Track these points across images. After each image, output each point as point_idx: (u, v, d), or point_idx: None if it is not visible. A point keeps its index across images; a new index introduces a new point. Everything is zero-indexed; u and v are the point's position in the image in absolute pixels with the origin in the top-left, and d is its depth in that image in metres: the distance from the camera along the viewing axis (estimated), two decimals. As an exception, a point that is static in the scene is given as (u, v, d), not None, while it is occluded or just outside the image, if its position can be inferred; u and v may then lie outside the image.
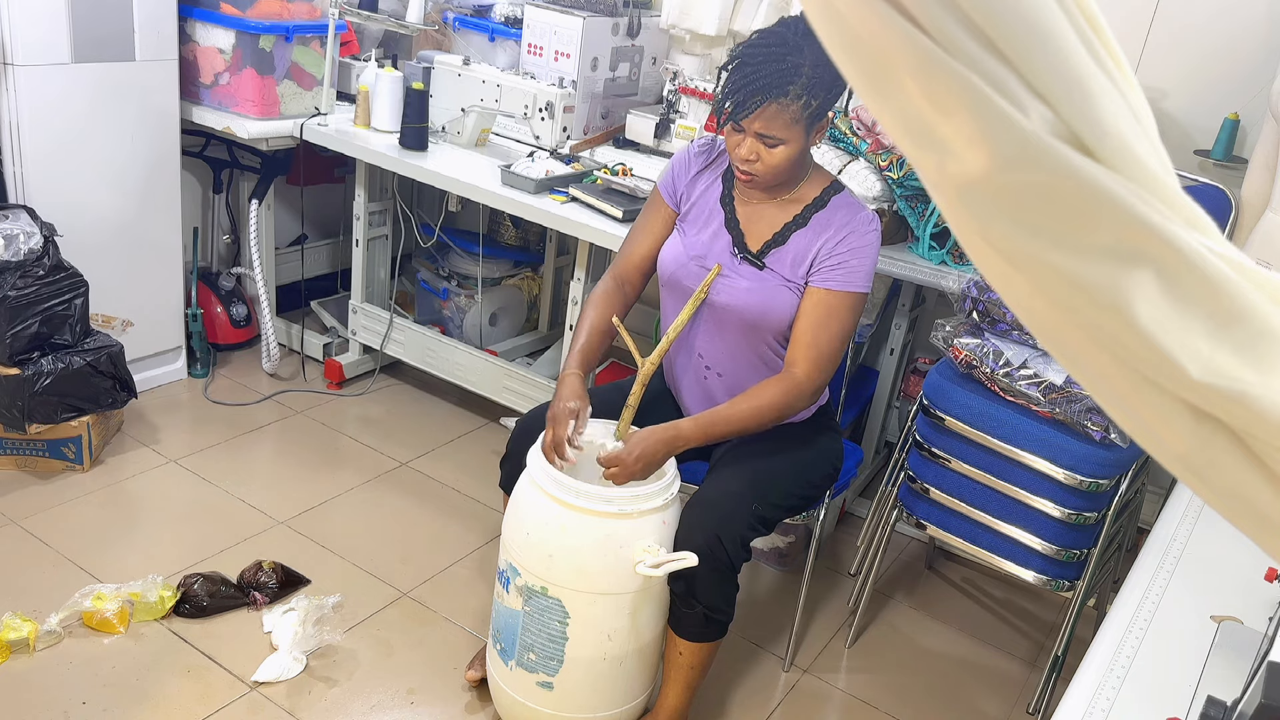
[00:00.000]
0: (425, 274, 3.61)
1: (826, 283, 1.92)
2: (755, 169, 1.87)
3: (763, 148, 1.84)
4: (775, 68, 1.76)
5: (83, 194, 2.86)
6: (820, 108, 1.81)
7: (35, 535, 2.50)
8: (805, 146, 1.86)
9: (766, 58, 1.77)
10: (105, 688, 2.09)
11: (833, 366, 1.96)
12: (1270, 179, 2.34)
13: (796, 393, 1.92)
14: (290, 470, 2.95)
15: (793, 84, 1.76)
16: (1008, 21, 0.51)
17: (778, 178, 1.91)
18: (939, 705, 2.40)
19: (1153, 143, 0.56)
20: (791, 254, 1.95)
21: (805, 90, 1.77)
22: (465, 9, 3.51)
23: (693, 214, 2.05)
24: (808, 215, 1.96)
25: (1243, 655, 1.28)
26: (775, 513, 2.02)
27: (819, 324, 1.92)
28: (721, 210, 2.02)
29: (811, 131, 1.85)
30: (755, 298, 1.96)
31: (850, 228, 1.92)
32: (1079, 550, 2.18)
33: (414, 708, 2.16)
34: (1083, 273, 0.55)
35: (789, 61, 1.76)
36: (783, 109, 1.78)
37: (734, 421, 1.92)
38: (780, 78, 1.76)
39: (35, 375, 2.60)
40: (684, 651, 1.98)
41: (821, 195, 1.97)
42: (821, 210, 1.96)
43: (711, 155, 2.07)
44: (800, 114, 1.79)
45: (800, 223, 1.96)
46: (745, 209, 2.00)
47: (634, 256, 2.11)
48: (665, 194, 2.08)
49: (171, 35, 2.93)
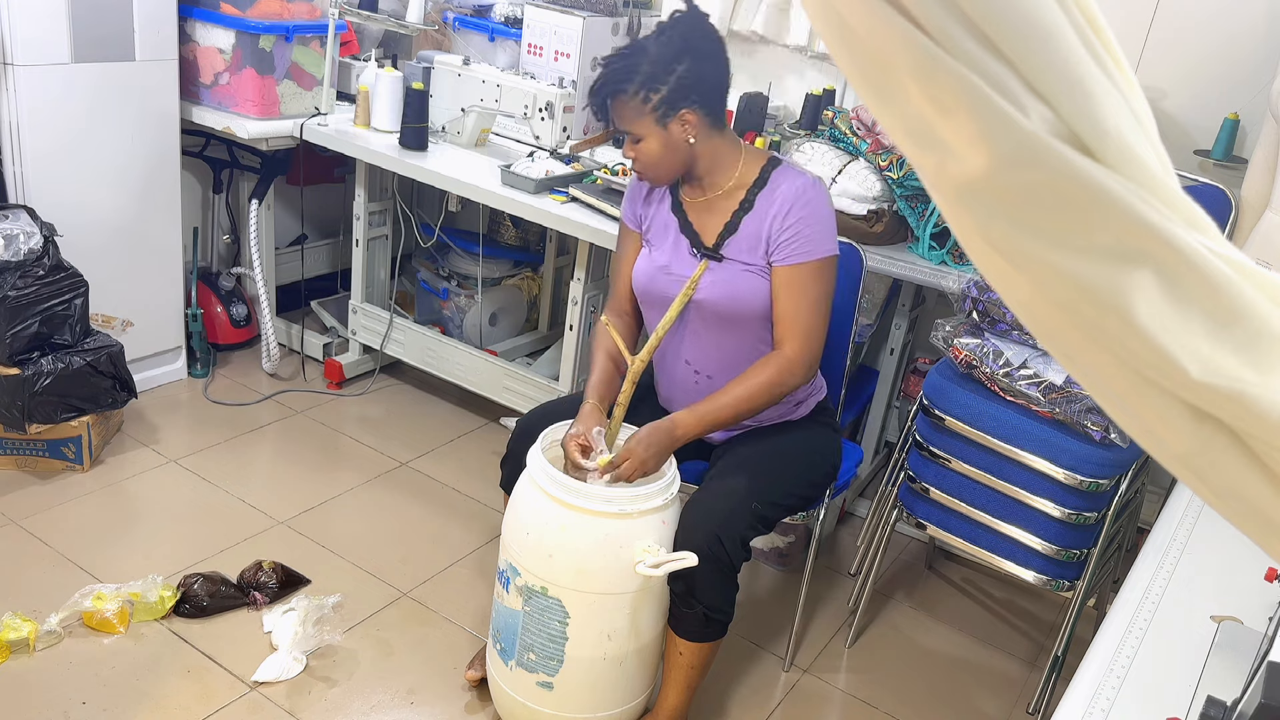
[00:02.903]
0: (425, 274, 3.61)
1: (788, 259, 1.94)
2: (637, 166, 1.98)
3: (633, 145, 1.94)
4: (615, 68, 1.89)
5: (83, 194, 2.86)
6: (666, 100, 1.87)
7: (35, 535, 2.50)
8: (670, 140, 1.91)
9: (612, 59, 1.91)
10: (105, 688, 2.09)
11: (820, 336, 1.98)
12: (1270, 179, 2.33)
13: (788, 369, 1.95)
14: (290, 470, 2.95)
15: (627, 81, 1.87)
16: (1008, 21, 0.51)
17: (659, 171, 1.97)
18: (939, 705, 2.40)
19: (1153, 143, 0.56)
20: (746, 239, 1.98)
21: (643, 85, 1.86)
22: (465, 9, 3.51)
23: (653, 230, 2.10)
24: (752, 198, 1.99)
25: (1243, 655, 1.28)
26: (775, 512, 2.02)
27: (794, 299, 1.95)
28: (674, 218, 2.07)
29: (668, 123, 1.89)
30: (721, 289, 1.98)
31: (794, 198, 1.94)
32: (1079, 550, 2.18)
33: (414, 708, 2.16)
34: (1083, 273, 0.55)
35: (630, 60, 1.88)
36: (624, 105, 1.89)
37: (728, 406, 1.95)
38: (617, 77, 1.88)
39: (35, 375, 2.60)
40: (684, 651, 1.98)
41: (761, 175, 2.00)
42: (764, 189, 1.98)
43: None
44: (642, 108, 1.88)
45: (747, 206, 1.99)
46: (694, 210, 2.05)
47: (622, 289, 2.16)
48: (630, 222, 2.15)
49: (171, 35, 2.93)
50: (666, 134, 1.91)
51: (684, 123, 1.90)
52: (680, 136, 1.92)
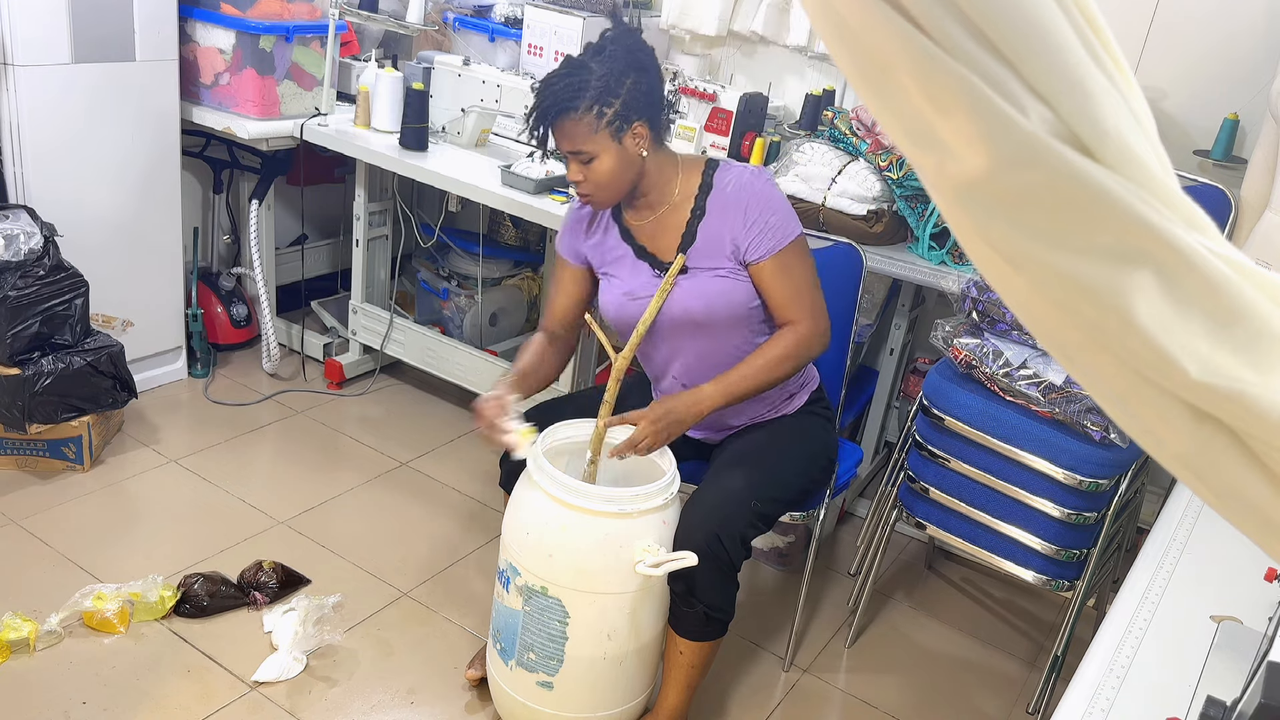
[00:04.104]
0: (425, 274, 3.61)
1: (766, 253, 1.94)
2: (585, 188, 1.93)
3: (583, 166, 1.90)
4: (560, 87, 1.84)
5: (83, 194, 2.86)
6: (620, 114, 1.85)
7: (35, 535, 2.50)
8: (624, 154, 1.89)
9: (553, 81, 1.86)
10: (105, 688, 2.09)
11: (823, 305, 1.99)
12: (1270, 179, 2.34)
13: (805, 340, 1.96)
14: (290, 470, 2.95)
15: (579, 98, 1.83)
16: (1007, 21, 0.51)
17: (612, 191, 1.93)
18: (939, 705, 2.40)
19: (1152, 143, 0.56)
20: (707, 244, 1.97)
21: (594, 101, 1.83)
22: (465, 9, 3.51)
23: (608, 263, 2.08)
24: (701, 204, 1.98)
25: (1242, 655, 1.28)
26: (774, 508, 2.02)
27: (787, 283, 1.95)
28: (626, 245, 2.05)
29: (622, 138, 1.87)
30: (697, 300, 1.97)
31: (746, 194, 1.94)
32: (1079, 550, 2.18)
33: (414, 708, 2.16)
34: (1083, 273, 0.55)
35: (574, 79, 1.84)
36: (576, 123, 1.85)
37: (749, 377, 1.95)
38: (566, 94, 1.83)
39: (35, 375, 2.60)
40: (685, 651, 1.98)
41: (704, 181, 1.99)
42: (710, 193, 1.98)
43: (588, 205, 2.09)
44: (596, 123, 1.84)
45: (699, 214, 1.98)
46: (645, 233, 2.03)
47: (555, 315, 2.15)
48: (567, 255, 2.13)
49: (171, 35, 2.93)
50: (621, 149, 1.89)
51: (636, 136, 1.89)
52: (634, 151, 1.91)
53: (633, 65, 1.86)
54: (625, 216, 2.06)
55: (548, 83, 1.87)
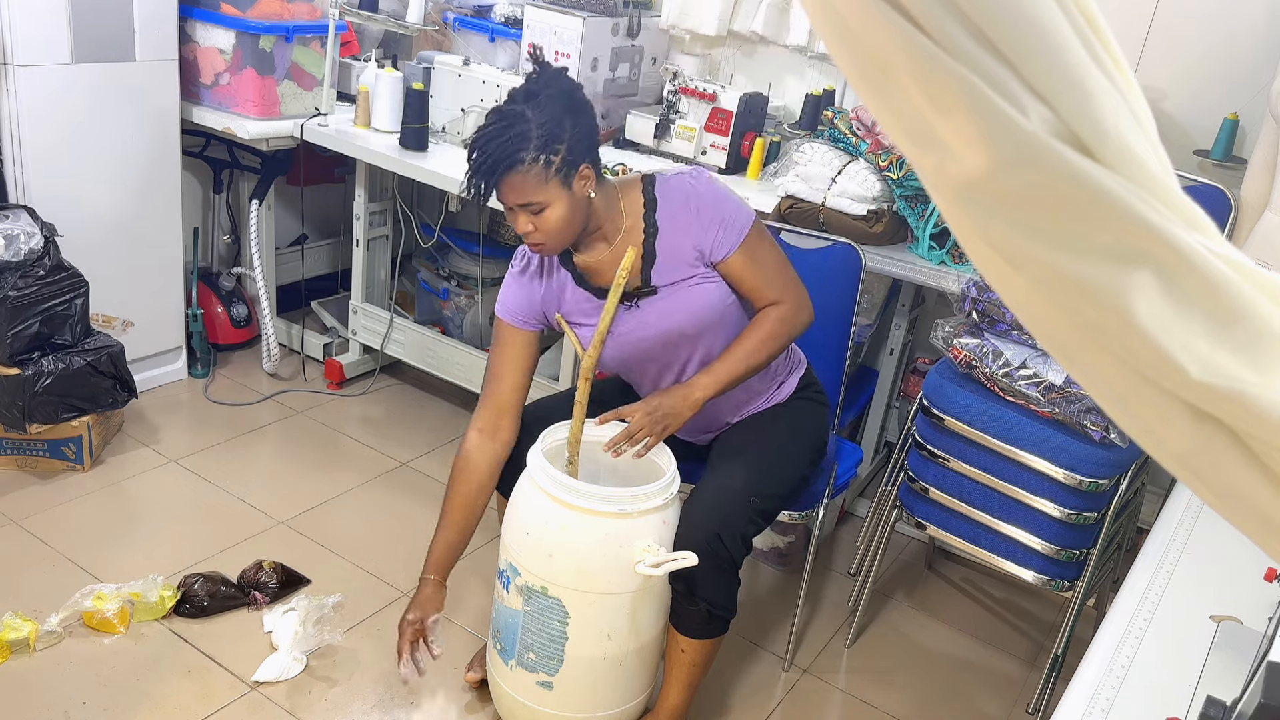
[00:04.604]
0: (425, 274, 3.61)
1: (731, 248, 1.92)
2: (537, 238, 1.86)
3: (532, 217, 1.83)
4: (500, 141, 1.77)
5: (83, 194, 2.86)
6: (566, 160, 1.80)
7: (35, 535, 2.50)
8: (574, 198, 1.84)
9: (491, 135, 1.78)
10: (105, 688, 2.09)
11: (798, 279, 1.98)
12: (1270, 179, 2.33)
13: (789, 314, 1.95)
14: (290, 470, 2.95)
15: (522, 150, 1.76)
16: (1007, 21, 0.51)
17: (565, 236, 1.87)
18: (939, 705, 2.40)
19: (1152, 143, 0.56)
20: (667, 259, 1.93)
21: (540, 150, 1.77)
22: (465, 9, 3.51)
23: (571, 312, 2.00)
24: (652, 220, 1.94)
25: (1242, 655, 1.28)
26: (774, 503, 2.02)
27: (759, 269, 1.94)
28: (583, 290, 1.99)
29: (572, 182, 1.82)
30: (678, 316, 1.95)
31: (693, 199, 1.92)
32: (1079, 550, 2.18)
33: (414, 708, 2.16)
34: (1083, 273, 0.55)
35: (514, 130, 1.77)
36: (523, 176, 1.78)
37: (741, 359, 1.94)
38: (507, 148, 1.77)
39: (35, 375, 2.60)
40: (686, 649, 1.98)
41: (646, 199, 1.95)
42: (658, 207, 1.94)
43: (532, 261, 2.02)
44: (545, 173, 1.79)
45: (652, 232, 1.94)
46: (600, 270, 1.97)
47: (503, 393, 2.03)
48: (516, 321, 2.02)
49: (171, 35, 2.93)
50: (571, 195, 1.83)
51: (583, 179, 1.84)
52: (582, 194, 1.86)
53: (569, 108, 1.81)
54: (576, 260, 1.98)
55: (486, 137, 1.79)
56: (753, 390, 2.09)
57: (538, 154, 1.77)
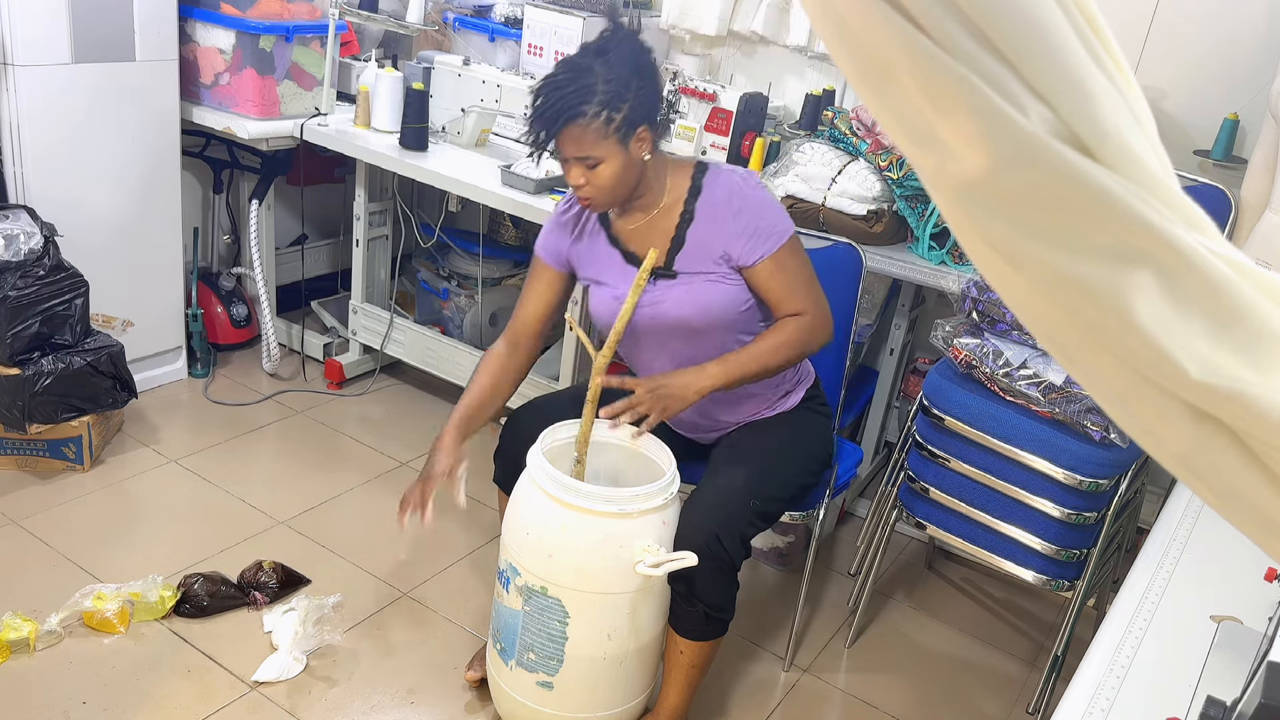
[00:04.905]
0: (425, 274, 3.61)
1: (761, 255, 1.93)
2: (587, 192, 1.90)
3: (586, 171, 1.87)
4: (565, 92, 1.81)
5: (83, 194, 2.86)
6: (627, 119, 1.83)
7: (35, 535, 2.50)
8: (629, 159, 1.88)
9: (558, 84, 1.82)
10: (105, 688, 2.09)
11: (823, 296, 1.99)
12: (1270, 179, 2.34)
13: (810, 326, 1.95)
14: (290, 470, 2.95)
15: (586, 103, 1.80)
16: (1007, 21, 0.51)
17: (614, 195, 1.92)
18: (939, 705, 2.40)
19: (1152, 143, 0.56)
20: (695, 249, 1.96)
21: (603, 105, 1.81)
22: (465, 9, 3.51)
23: (595, 268, 2.06)
24: (691, 209, 1.97)
25: (1242, 655, 1.28)
26: (774, 506, 2.02)
27: (784, 280, 1.95)
28: (614, 250, 2.03)
29: (629, 142, 1.86)
30: (688, 305, 1.97)
31: (736, 200, 1.94)
32: (1079, 550, 2.18)
33: (414, 708, 2.16)
34: (1083, 273, 0.55)
35: (579, 83, 1.81)
36: (584, 129, 1.82)
37: (756, 359, 1.94)
38: (572, 100, 1.80)
39: (35, 375, 2.60)
40: (685, 650, 1.98)
41: (693, 184, 1.98)
42: (700, 196, 1.97)
43: (575, 208, 2.08)
44: (605, 129, 1.82)
45: (688, 218, 1.97)
46: (635, 237, 2.02)
47: (525, 319, 2.12)
48: (549, 259, 2.10)
49: (171, 35, 2.93)
50: (627, 154, 1.87)
51: (640, 140, 1.88)
52: (638, 155, 1.90)
53: (637, 69, 1.85)
54: (613, 221, 2.04)
55: (552, 86, 1.83)
56: (758, 393, 2.09)
57: (600, 109, 1.81)
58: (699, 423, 2.12)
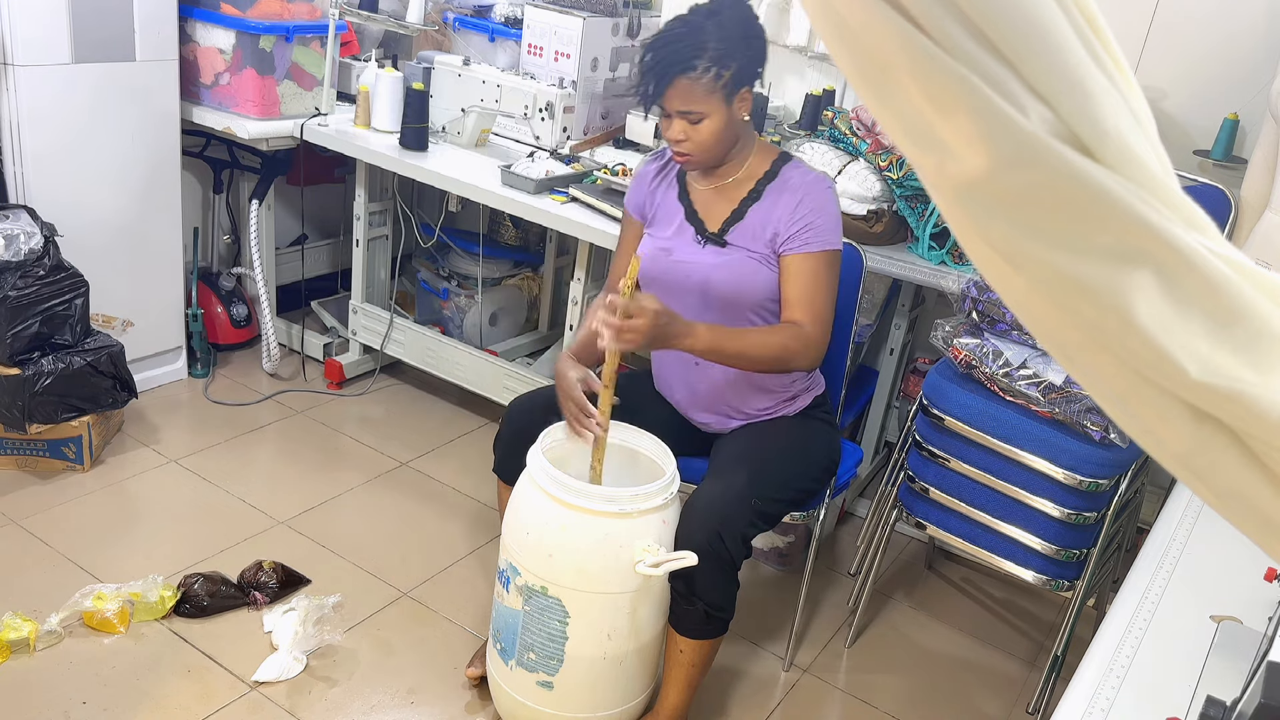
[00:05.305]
0: (425, 274, 3.61)
1: (801, 247, 1.96)
2: (686, 148, 1.94)
3: (688, 125, 1.91)
4: (678, 46, 1.86)
5: (83, 194, 2.86)
6: (734, 77, 1.88)
7: (35, 535, 2.50)
8: (731, 117, 1.92)
9: (670, 39, 1.87)
10: (105, 688, 2.09)
11: (829, 323, 1.99)
12: (1270, 179, 2.34)
13: (803, 339, 1.95)
14: (290, 470, 2.95)
15: (698, 58, 1.84)
16: (1007, 21, 0.51)
17: (712, 153, 1.96)
18: (939, 705, 2.40)
19: (1152, 143, 0.56)
20: (752, 227, 2.00)
21: (713, 62, 1.85)
22: (465, 9, 3.51)
23: (658, 218, 2.11)
24: (760, 189, 2.01)
25: (1242, 655, 1.28)
26: (775, 508, 2.02)
27: (806, 284, 1.96)
28: (680, 206, 2.08)
29: (733, 101, 1.91)
30: (724, 273, 2.00)
31: (804, 189, 1.97)
32: (1079, 550, 2.18)
33: (414, 708, 2.16)
34: (1083, 273, 0.55)
35: (692, 39, 1.85)
36: (694, 82, 1.86)
37: (739, 342, 1.92)
38: (684, 54, 1.85)
39: (35, 375, 2.60)
40: (685, 649, 1.98)
41: (771, 168, 2.03)
42: (773, 181, 2.01)
43: (663, 161, 2.15)
44: (714, 84, 1.86)
45: (754, 196, 2.01)
46: (702, 199, 2.06)
47: (619, 274, 2.16)
48: (634, 211, 2.16)
49: (172, 35, 2.93)
50: (730, 112, 1.92)
51: (743, 100, 1.93)
52: (739, 115, 1.95)
53: (746, 32, 1.89)
54: (689, 179, 2.08)
55: (664, 40, 1.87)
56: (768, 388, 2.10)
57: (710, 64, 1.85)
58: (695, 398, 2.13)
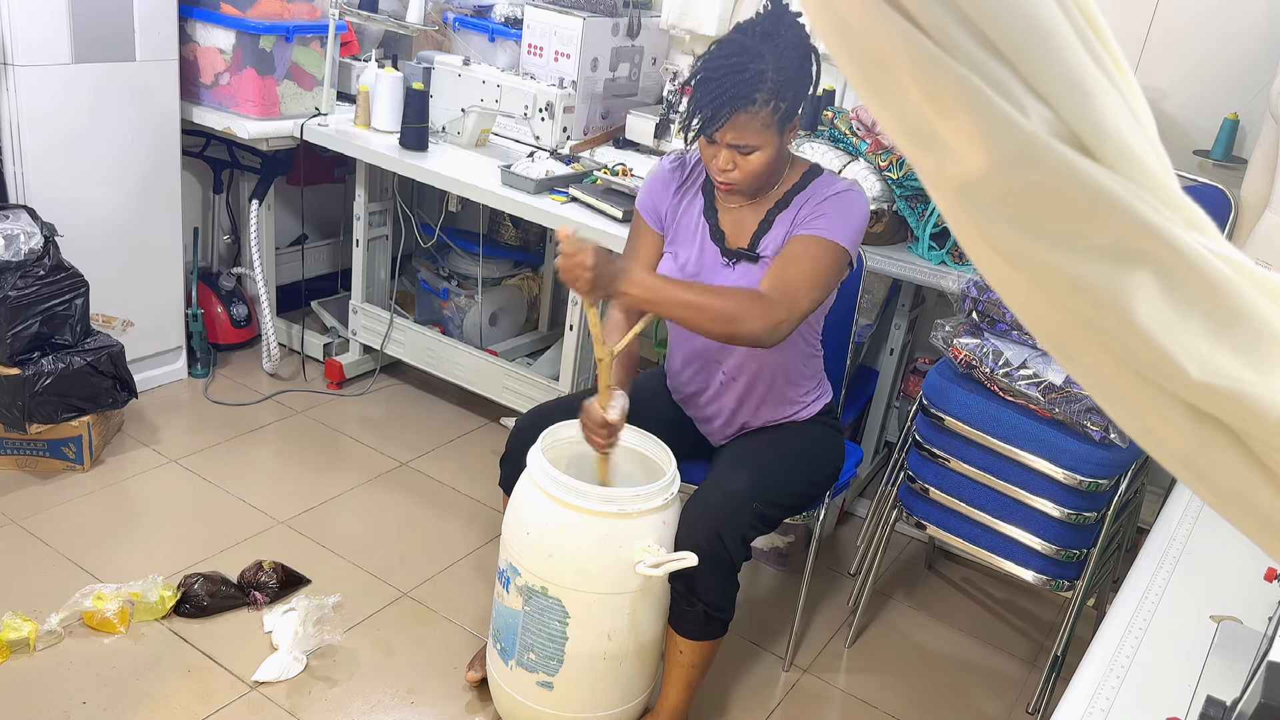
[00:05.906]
0: (425, 274, 3.61)
1: (801, 229, 1.88)
2: (733, 178, 1.86)
3: (738, 156, 1.83)
4: (738, 78, 1.75)
5: (83, 194, 2.86)
6: (790, 108, 1.80)
7: (35, 535, 2.50)
8: (781, 147, 1.86)
9: (728, 69, 1.75)
10: (105, 688, 2.09)
11: (795, 302, 1.81)
12: (1270, 179, 2.34)
13: (762, 304, 1.79)
14: (290, 470, 2.95)
15: (758, 91, 1.75)
16: (1007, 22, 0.51)
17: (758, 182, 1.90)
18: (939, 705, 2.40)
19: (1152, 143, 0.56)
20: (778, 231, 1.95)
21: (772, 95, 1.76)
22: (465, 9, 3.51)
23: (679, 234, 2.02)
24: (789, 200, 1.95)
25: (1242, 655, 1.28)
26: (776, 511, 2.02)
27: (788, 260, 1.86)
28: (705, 222, 2.00)
29: (785, 131, 1.84)
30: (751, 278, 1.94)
31: (827, 200, 1.90)
32: (1079, 550, 2.18)
33: (414, 708, 2.16)
34: (1083, 273, 0.55)
35: (751, 70, 1.74)
36: (752, 117, 1.77)
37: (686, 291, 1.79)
38: (745, 87, 1.75)
39: (36, 375, 2.60)
40: (685, 650, 1.98)
41: (801, 180, 1.96)
42: (801, 192, 1.95)
43: (686, 170, 2.05)
44: (770, 119, 1.79)
45: (783, 205, 1.95)
46: (729, 216, 1.99)
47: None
48: (648, 217, 2.05)
49: (172, 35, 2.93)
50: (781, 143, 1.84)
51: (793, 129, 1.86)
52: (788, 144, 1.88)
53: (804, 56, 1.79)
54: (718, 194, 1.99)
55: (722, 71, 1.75)
56: (778, 394, 2.08)
57: (770, 97, 1.76)
58: (706, 411, 2.12)
